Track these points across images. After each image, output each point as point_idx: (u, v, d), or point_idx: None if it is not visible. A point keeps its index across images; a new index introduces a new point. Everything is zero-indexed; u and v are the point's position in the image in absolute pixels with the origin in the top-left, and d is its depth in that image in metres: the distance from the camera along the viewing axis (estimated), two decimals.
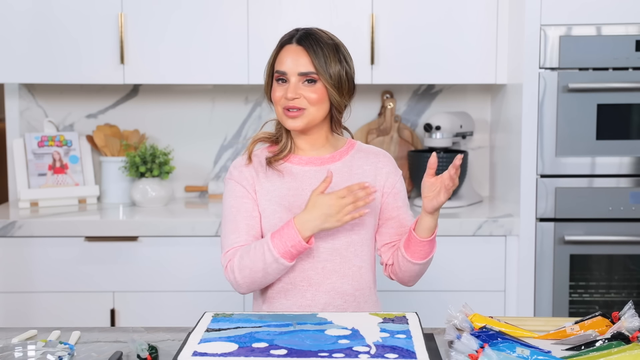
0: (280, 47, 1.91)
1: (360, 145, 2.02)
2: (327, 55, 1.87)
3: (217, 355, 1.46)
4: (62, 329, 1.78)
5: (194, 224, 2.92)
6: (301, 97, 1.86)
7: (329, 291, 1.90)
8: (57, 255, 2.92)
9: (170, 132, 3.45)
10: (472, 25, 3.08)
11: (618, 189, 2.87)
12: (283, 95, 1.87)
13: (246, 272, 1.85)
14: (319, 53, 1.86)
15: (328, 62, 1.86)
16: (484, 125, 3.45)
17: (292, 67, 1.87)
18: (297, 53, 1.87)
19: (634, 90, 2.83)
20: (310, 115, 1.88)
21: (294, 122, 1.88)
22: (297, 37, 1.89)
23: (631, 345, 1.50)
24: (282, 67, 1.88)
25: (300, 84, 1.87)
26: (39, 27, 3.07)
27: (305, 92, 1.86)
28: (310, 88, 1.87)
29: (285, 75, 1.87)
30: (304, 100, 1.87)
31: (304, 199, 1.89)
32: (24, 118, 3.42)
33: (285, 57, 1.88)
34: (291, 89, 1.86)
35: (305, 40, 1.88)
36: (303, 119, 1.88)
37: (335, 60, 1.87)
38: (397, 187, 1.99)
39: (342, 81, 1.88)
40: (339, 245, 1.90)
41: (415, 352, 1.48)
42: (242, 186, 1.94)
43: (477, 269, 2.92)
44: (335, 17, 3.06)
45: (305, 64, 1.86)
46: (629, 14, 2.82)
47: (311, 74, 1.86)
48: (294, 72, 1.86)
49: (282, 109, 1.88)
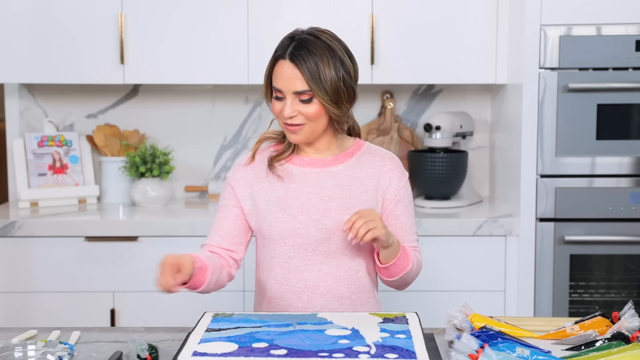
0: (275, 61, 1.86)
1: (369, 147, 1.99)
2: (321, 70, 1.80)
3: (217, 355, 1.46)
4: (62, 329, 1.78)
5: (194, 224, 2.92)
6: (298, 114, 1.84)
7: (325, 294, 1.90)
8: (57, 255, 2.92)
9: (170, 132, 3.45)
10: (472, 25, 3.08)
11: (618, 189, 2.87)
12: (281, 111, 1.86)
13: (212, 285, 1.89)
14: (313, 68, 1.80)
15: (323, 76, 1.81)
16: (484, 125, 3.45)
17: (286, 86, 1.83)
18: (290, 71, 1.82)
19: (634, 90, 2.83)
20: (310, 129, 1.87)
21: (295, 136, 1.88)
22: (289, 52, 1.83)
23: (631, 345, 1.50)
24: (277, 84, 1.85)
25: (297, 101, 1.84)
26: (39, 27, 3.07)
27: (302, 109, 1.84)
28: (307, 105, 1.84)
29: (281, 92, 1.85)
30: (301, 117, 1.85)
31: (302, 200, 1.89)
32: (24, 118, 3.42)
33: (279, 75, 1.84)
34: (287, 108, 1.84)
35: (297, 56, 1.81)
36: (303, 133, 1.87)
37: (330, 70, 1.81)
38: (400, 194, 1.95)
39: (339, 92, 1.83)
40: (334, 248, 1.90)
41: (415, 352, 1.48)
42: (231, 187, 1.96)
43: (477, 269, 2.92)
44: (335, 17, 3.06)
45: (299, 83, 1.82)
46: (629, 14, 2.82)
47: (306, 92, 1.82)
48: (289, 90, 1.83)
49: (283, 122, 1.89)
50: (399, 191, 1.95)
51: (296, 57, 1.82)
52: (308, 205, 1.89)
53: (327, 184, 1.91)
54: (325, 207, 1.89)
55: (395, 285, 1.94)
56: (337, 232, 1.88)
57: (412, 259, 1.89)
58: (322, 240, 1.89)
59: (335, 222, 1.88)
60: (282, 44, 1.87)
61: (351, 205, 1.89)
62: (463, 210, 3.13)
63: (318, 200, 1.89)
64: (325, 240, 1.89)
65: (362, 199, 1.91)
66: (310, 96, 1.83)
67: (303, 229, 1.88)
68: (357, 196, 1.91)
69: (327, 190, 1.90)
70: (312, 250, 1.89)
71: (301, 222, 1.88)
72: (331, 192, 1.90)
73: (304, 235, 1.88)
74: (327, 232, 1.88)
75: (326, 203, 1.89)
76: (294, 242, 1.89)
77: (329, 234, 1.88)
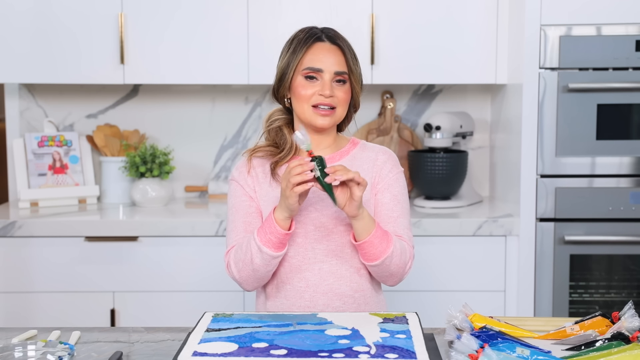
0: (309, 44, 1.88)
1: (364, 145, 2.01)
2: (354, 56, 1.90)
3: (217, 355, 1.46)
4: (62, 329, 1.78)
5: (194, 224, 2.92)
6: (335, 95, 1.87)
7: (327, 292, 1.90)
8: (57, 255, 2.92)
9: (170, 132, 3.45)
10: (472, 25, 3.08)
11: (618, 189, 2.87)
12: (317, 92, 1.86)
13: (240, 266, 1.87)
14: (349, 53, 1.89)
15: (355, 62, 1.90)
16: (484, 125, 3.45)
17: (328, 65, 1.86)
18: (332, 52, 1.88)
19: (634, 90, 2.83)
20: (338, 114, 1.90)
21: (323, 120, 1.88)
22: (327, 35, 1.90)
23: (631, 345, 1.50)
24: (317, 64, 1.86)
25: (332, 83, 1.87)
26: (39, 27, 3.07)
27: (337, 92, 1.87)
28: (342, 88, 1.88)
29: (320, 72, 1.86)
30: (335, 99, 1.87)
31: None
32: (24, 118, 3.42)
33: (319, 54, 1.87)
34: (328, 86, 1.86)
35: (337, 39, 1.90)
36: (332, 117, 1.89)
37: (357, 61, 1.92)
38: (388, 183, 1.93)
39: (362, 81, 1.93)
40: (334, 247, 1.90)
41: (415, 352, 1.48)
42: (241, 185, 1.95)
43: (477, 269, 2.92)
44: (335, 17, 3.06)
45: (341, 63, 1.87)
46: (629, 14, 2.82)
47: (344, 73, 1.88)
48: (330, 70, 1.86)
49: (312, 106, 1.88)
50: (387, 180, 1.94)
51: (336, 39, 1.89)
52: (306, 204, 1.89)
53: None
54: (323, 205, 1.89)
55: (382, 276, 1.89)
56: (336, 230, 1.89)
57: (394, 244, 1.83)
58: (321, 239, 1.89)
59: (332, 220, 1.88)
60: (308, 31, 1.90)
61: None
62: (463, 210, 3.13)
63: (316, 199, 1.89)
64: (324, 238, 1.89)
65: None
66: (346, 78, 1.88)
67: (301, 228, 1.88)
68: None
69: None
70: (311, 249, 1.89)
71: (299, 222, 1.88)
72: None
73: (303, 234, 1.89)
74: (326, 231, 1.88)
75: (324, 201, 1.89)
76: (293, 242, 1.89)
77: (327, 232, 1.89)
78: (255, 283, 1.90)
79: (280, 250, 1.83)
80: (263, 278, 1.89)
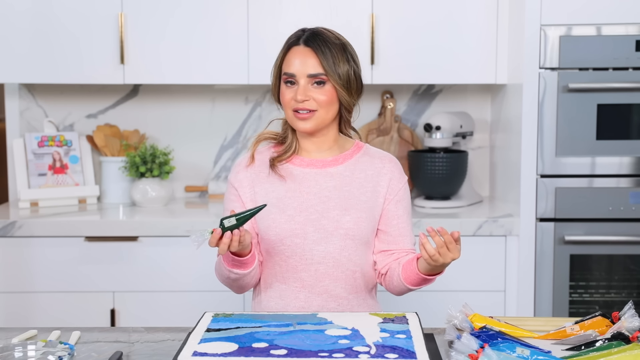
0: (287, 49, 1.90)
1: (368, 149, 2.01)
2: (335, 56, 1.86)
3: (217, 355, 1.46)
4: (62, 329, 1.78)
5: (194, 224, 2.92)
6: (311, 99, 1.86)
7: (322, 294, 1.90)
8: (57, 255, 2.92)
9: (170, 132, 3.45)
10: (472, 25, 3.08)
11: (618, 189, 2.87)
12: (292, 98, 1.86)
13: (220, 278, 1.92)
14: (327, 53, 1.85)
15: (336, 62, 1.86)
16: (484, 125, 3.45)
17: (300, 69, 1.86)
18: (305, 54, 1.86)
19: (634, 90, 2.83)
20: (320, 117, 1.88)
21: (304, 124, 1.88)
22: (304, 38, 1.88)
23: (631, 345, 1.50)
24: (290, 69, 1.87)
25: (310, 85, 1.86)
26: (39, 27, 3.07)
27: (315, 94, 1.86)
28: (320, 90, 1.86)
29: (294, 77, 1.86)
30: (313, 102, 1.86)
31: (301, 200, 1.90)
32: (24, 118, 3.42)
33: (293, 59, 1.87)
34: (300, 91, 1.85)
35: (312, 41, 1.87)
36: (313, 120, 1.88)
37: (343, 60, 1.87)
38: (399, 195, 1.97)
39: (350, 81, 1.88)
40: (332, 249, 1.89)
41: (415, 352, 1.48)
42: (235, 188, 1.96)
43: (477, 269, 2.92)
44: (335, 17, 3.06)
45: (314, 65, 1.85)
46: (629, 14, 2.82)
47: (320, 75, 1.85)
48: (303, 74, 1.86)
49: (292, 111, 1.88)
50: (398, 192, 1.96)
51: (311, 42, 1.87)
52: (306, 205, 1.89)
53: (326, 184, 1.92)
54: (323, 207, 1.89)
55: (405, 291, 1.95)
56: (335, 233, 1.89)
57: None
58: (319, 241, 1.89)
59: (333, 222, 1.88)
60: (294, 34, 1.92)
61: (349, 206, 1.90)
62: (463, 210, 3.13)
63: (316, 201, 1.89)
64: (322, 240, 1.89)
65: (360, 200, 1.91)
66: (323, 79, 1.85)
67: (301, 229, 1.88)
68: (356, 197, 1.91)
69: (326, 190, 1.91)
70: (309, 250, 1.89)
71: (299, 223, 1.88)
72: (330, 192, 1.91)
73: (302, 236, 1.89)
74: (325, 233, 1.88)
75: (324, 203, 1.89)
76: (291, 242, 1.89)
77: (327, 234, 1.89)
78: (240, 290, 1.94)
79: (248, 269, 1.84)
80: (247, 285, 1.92)
